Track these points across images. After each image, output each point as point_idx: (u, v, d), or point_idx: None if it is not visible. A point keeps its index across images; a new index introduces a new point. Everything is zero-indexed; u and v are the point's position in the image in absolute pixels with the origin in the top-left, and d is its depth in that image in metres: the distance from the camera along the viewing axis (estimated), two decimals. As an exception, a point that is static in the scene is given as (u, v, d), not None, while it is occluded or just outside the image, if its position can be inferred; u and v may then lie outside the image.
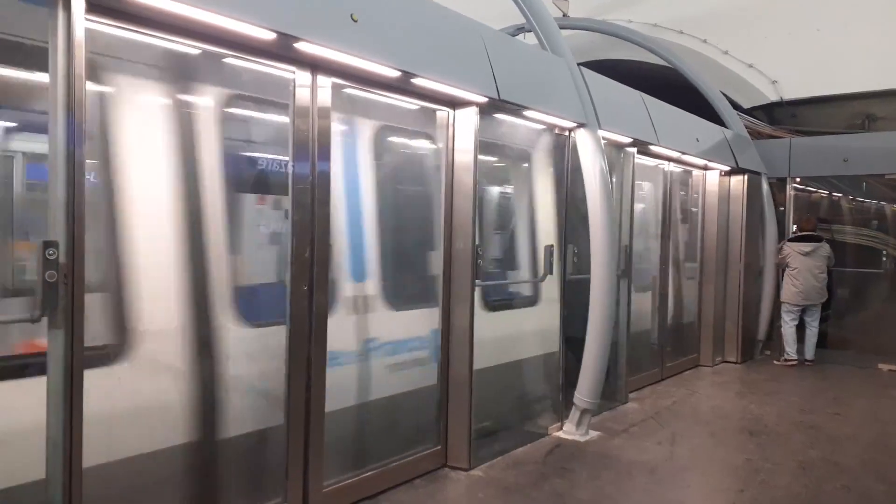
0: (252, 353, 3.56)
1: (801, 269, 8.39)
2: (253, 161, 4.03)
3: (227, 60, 3.41)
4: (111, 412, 2.93)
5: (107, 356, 3.00)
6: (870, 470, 4.85)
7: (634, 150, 6.44)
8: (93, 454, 2.72)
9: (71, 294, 2.61)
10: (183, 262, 3.28)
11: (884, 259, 9.19)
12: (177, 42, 3.13)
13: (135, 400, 3.06)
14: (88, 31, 2.69)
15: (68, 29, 2.62)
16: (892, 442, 5.60)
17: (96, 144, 3.00)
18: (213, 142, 3.46)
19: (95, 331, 2.89)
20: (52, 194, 2.62)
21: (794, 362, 8.54)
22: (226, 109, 3.60)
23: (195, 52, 3.26)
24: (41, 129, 2.66)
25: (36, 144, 3.16)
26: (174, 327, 3.23)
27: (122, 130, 3.11)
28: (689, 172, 8.24)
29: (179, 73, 3.35)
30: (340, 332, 3.95)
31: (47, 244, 2.56)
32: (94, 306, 2.92)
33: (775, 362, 8.72)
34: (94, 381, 2.74)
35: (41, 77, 2.66)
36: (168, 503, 3.28)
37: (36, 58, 2.69)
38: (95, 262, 2.95)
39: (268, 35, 3.18)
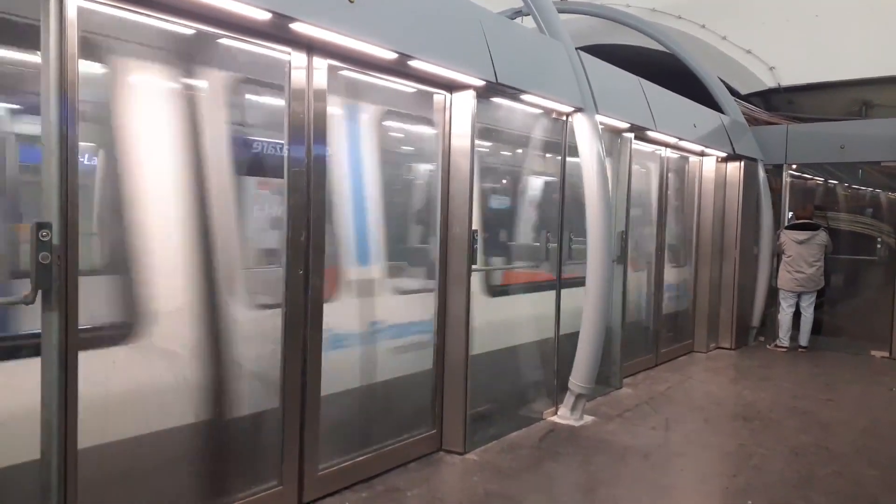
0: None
1: (795, 257, 8.47)
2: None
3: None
4: None
5: None
6: (861, 456, 4.89)
7: (632, 135, 6.42)
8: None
9: (65, 276, 2.60)
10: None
11: (878, 246, 9.20)
12: (171, 22, 3.09)
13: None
14: (81, 10, 2.66)
15: (60, 8, 2.58)
16: (884, 428, 5.64)
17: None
18: None
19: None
20: (46, 175, 2.60)
21: (784, 349, 8.64)
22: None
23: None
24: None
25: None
26: None
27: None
28: (686, 158, 8.23)
29: None
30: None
31: (40, 226, 2.54)
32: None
33: (768, 347, 8.83)
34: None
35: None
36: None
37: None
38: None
39: (263, 15, 3.14)
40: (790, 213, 9.31)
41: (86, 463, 2.73)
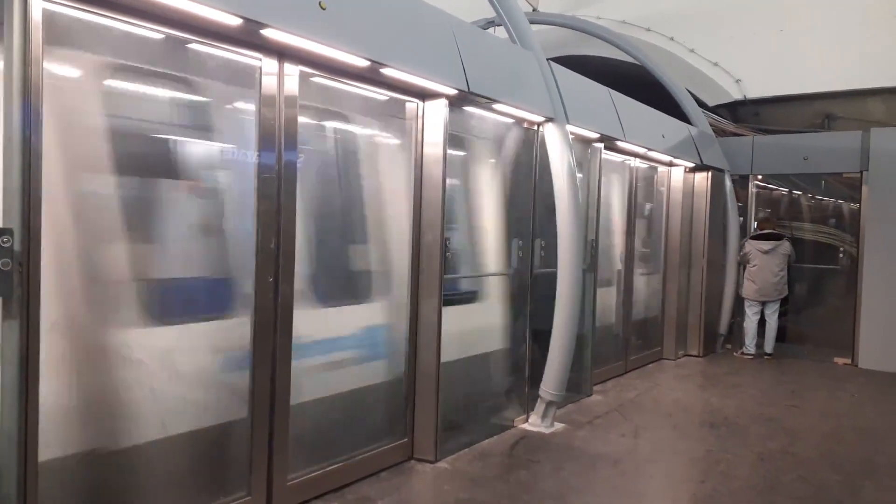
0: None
1: (761, 267, 8.64)
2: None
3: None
4: None
5: None
6: (826, 461, 4.98)
7: (601, 145, 6.49)
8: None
9: (27, 283, 2.54)
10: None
11: (841, 255, 9.42)
12: (139, 26, 3.05)
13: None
14: (46, 13, 2.61)
15: (24, 10, 2.53)
16: (847, 434, 5.75)
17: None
18: None
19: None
20: (7, 180, 2.54)
21: (750, 356, 8.79)
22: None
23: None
24: None
25: None
26: None
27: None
28: (655, 168, 8.34)
29: None
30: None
31: (1, 231, 2.48)
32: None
33: (735, 354, 8.97)
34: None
35: None
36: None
37: None
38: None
39: (233, 20, 3.12)
40: (755, 224, 9.49)
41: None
